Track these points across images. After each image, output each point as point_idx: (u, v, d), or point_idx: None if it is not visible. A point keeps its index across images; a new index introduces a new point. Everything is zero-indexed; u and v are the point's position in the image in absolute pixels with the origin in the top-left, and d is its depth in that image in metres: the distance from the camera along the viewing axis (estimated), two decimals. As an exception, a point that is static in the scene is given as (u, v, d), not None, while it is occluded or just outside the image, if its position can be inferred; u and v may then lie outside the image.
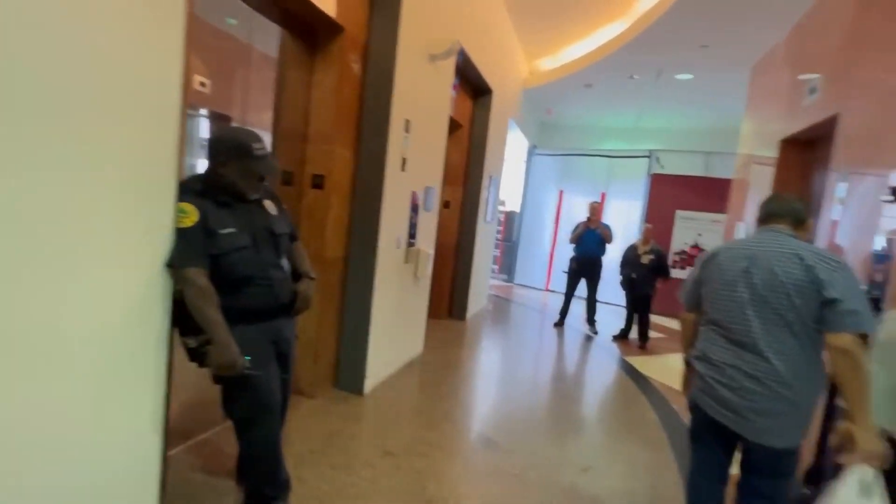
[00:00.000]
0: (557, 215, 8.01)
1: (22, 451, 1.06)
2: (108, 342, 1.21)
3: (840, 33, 3.03)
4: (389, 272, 2.91)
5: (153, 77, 1.24)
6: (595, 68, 5.44)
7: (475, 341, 4.49)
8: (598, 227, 4.99)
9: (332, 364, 2.81)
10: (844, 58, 2.93)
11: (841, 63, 2.96)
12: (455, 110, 4.46)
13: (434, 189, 3.44)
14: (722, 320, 1.45)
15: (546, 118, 8.27)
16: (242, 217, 1.48)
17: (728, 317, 1.42)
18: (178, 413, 2.23)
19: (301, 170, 2.59)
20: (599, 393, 3.50)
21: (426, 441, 2.32)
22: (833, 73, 3.05)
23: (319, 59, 2.52)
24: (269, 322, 1.57)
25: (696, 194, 6.66)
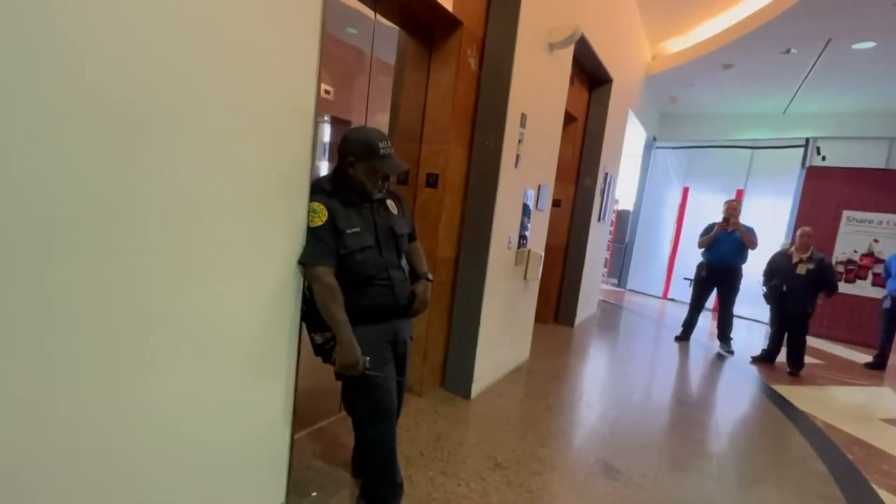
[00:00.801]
0: (681, 215, 7.15)
1: (168, 432, 1.16)
2: (246, 334, 1.28)
3: None
4: (499, 273, 2.80)
5: (292, 85, 1.29)
6: (738, 45, 4.68)
7: (585, 350, 4.17)
8: (738, 230, 4.28)
9: (441, 364, 2.79)
10: None
11: None
12: (569, 102, 4.18)
13: (547, 187, 3.24)
14: None
15: (669, 108, 7.42)
16: (367, 217, 1.48)
17: None
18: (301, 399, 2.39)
19: (416, 169, 2.60)
20: (738, 423, 2.98)
21: (538, 458, 2.16)
22: None
23: (436, 57, 2.49)
24: (389, 323, 1.56)
25: (873, 191, 5.40)
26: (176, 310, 1.10)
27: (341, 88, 6.40)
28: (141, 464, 1.10)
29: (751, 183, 6.54)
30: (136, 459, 1.09)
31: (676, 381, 3.71)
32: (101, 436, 1.01)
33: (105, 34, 0.89)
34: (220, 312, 1.20)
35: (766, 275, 4.18)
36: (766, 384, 3.72)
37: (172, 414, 1.14)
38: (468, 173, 2.65)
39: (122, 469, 1.07)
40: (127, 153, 0.95)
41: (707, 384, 3.74)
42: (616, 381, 3.58)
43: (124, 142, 0.95)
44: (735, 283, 4.37)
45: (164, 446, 1.14)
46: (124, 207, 0.96)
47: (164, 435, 1.14)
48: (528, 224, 3.03)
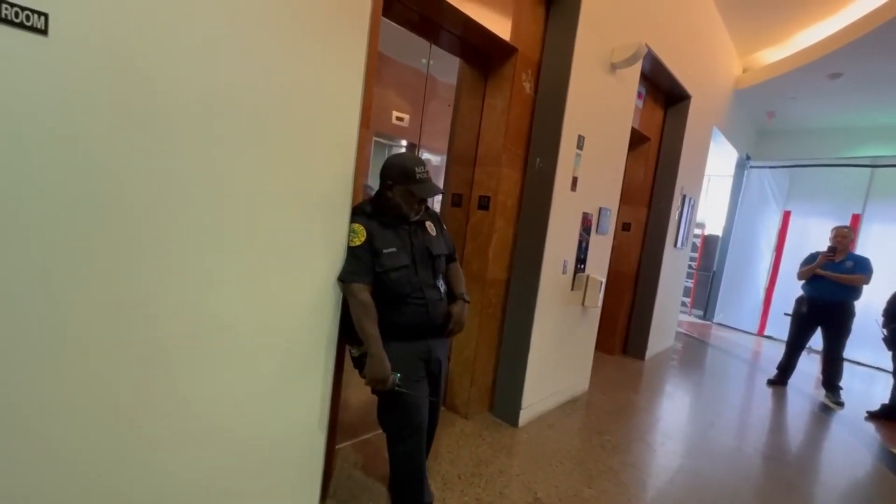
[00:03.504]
0: (781, 242, 6.36)
1: (201, 432, 1.28)
2: (286, 343, 1.40)
3: None
4: (553, 298, 2.71)
5: (337, 111, 1.41)
6: (847, 51, 4.15)
7: (654, 386, 3.83)
8: (846, 262, 3.71)
9: (489, 388, 2.75)
10: None
11: None
12: (641, 121, 3.99)
13: (609, 210, 3.10)
14: None
15: (765, 124, 6.72)
16: (404, 237, 1.55)
17: None
18: (349, 411, 2.50)
19: (469, 192, 2.65)
20: (841, 491, 2.52)
21: (583, 498, 2.03)
22: None
23: (491, 82, 2.55)
24: (422, 341, 1.59)
25: None
26: (217, 315, 1.24)
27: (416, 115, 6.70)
28: (179, 460, 1.24)
29: (870, 206, 5.64)
30: (174, 456, 1.23)
31: (763, 431, 3.25)
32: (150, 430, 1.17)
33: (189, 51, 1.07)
34: (263, 320, 1.33)
35: (887, 315, 3.54)
36: (884, 446, 3.11)
37: (210, 413, 1.28)
38: (521, 196, 2.64)
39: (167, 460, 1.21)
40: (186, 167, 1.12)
41: (804, 439, 3.23)
42: (687, 423, 3.24)
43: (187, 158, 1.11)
44: (844, 322, 3.76)
45: (201, 443, 1.27)
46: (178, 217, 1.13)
47: (201, 432, 1.27)
48: (586, 248, 2.91)
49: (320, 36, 1.33)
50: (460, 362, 2.64)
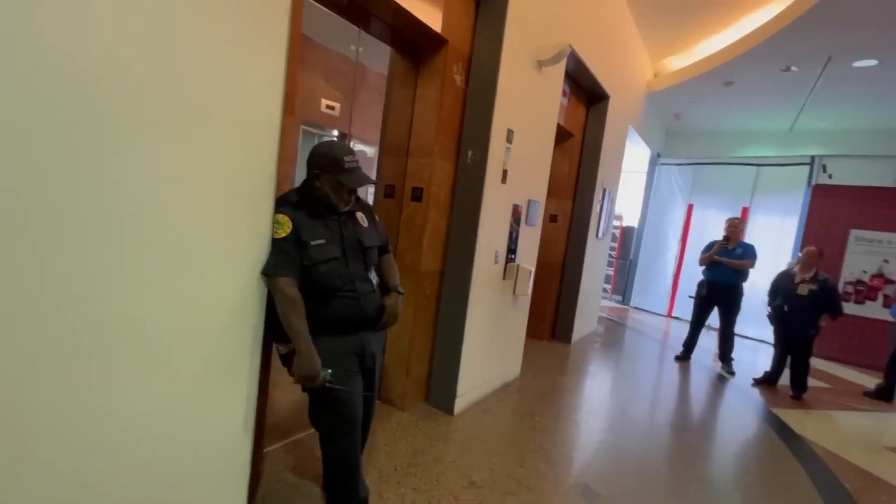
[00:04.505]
0: (685, 232, 7.07)
1: (116, 441, 1.16)
2: (206, 343, 1.29)
3: None
4: (486, 288, 2.78)
5: (256, 97, 1.32)
6: (739, 62, 4.68)
7: (580, 368, 4.10)
8: (737, 249, 4.22)
9: (425, 378, 2.77)
10: None
11: None
12: (566, 118, 4.20)
13: (537, 202, 3.24)
14: None
15: (672, 125, 7.40)
16: (333, 228, 1.50)
17: None
18: (278, 412, 2.39)
19: (402, 183, 2.62)
20: (735, 450, 2.88)
21: (515, 478, 2.12)
22: None
23: (423, 73, 2.54)
24: (355, 335, 1.56)
25: (882, 210, 5.28)
26: (131, 316, 1.12)
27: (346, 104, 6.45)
28: (92, 471, 1.11)
29: (756, 200, 6.45)
30: (87, 466, 1.10)
31: (672, 402, 3.62)
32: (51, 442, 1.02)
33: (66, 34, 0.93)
34: (179, 321, 1.22)
35: (770, 294, 4.08)
36: (766, 408, 3.60)
37: (125, 420, 1.15)
38: (454, 187, 2.66)
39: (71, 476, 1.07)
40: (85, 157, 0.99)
41: (704, 407, 3.64)
42: (608, 400, 3.51)
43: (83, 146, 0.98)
44: (735, 302, 4.28)
45: (116, 452, 1.15)
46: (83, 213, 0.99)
47: (116, 441, 1.14)
48: (517, 239, 3.02)
49: (238, 14, 1.23)
50: (395, 355, 2.63)
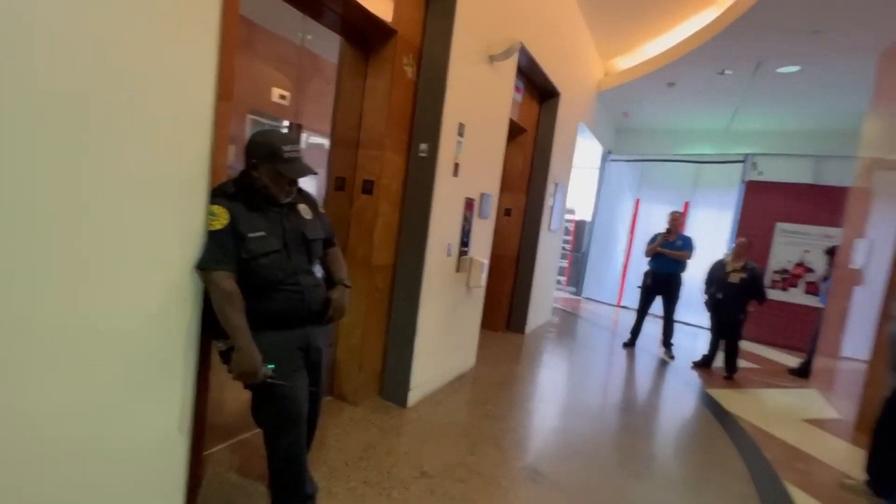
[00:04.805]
0: (633, 225, 7.41)
1: (39, 446, 1.08)
2: (132, 342, 1.22)
3: None
4: (439, 281, 2.80)
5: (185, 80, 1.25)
6: (679, 64, 4.94)
7: (533, 358, 4.22)
8: (677, 241, 4.48)
9: (378, 372, 2.76)
10: None
11: None
12: (519, 114, 4.28)
13: (490, 196, 3.29)
14: None
15: (622, 122, 7.72)
16: (274, 221, 1.46)
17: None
18: (227, 410, 2.31)
19: (353, 175, 2.59)
20: (674, 429, 3.08)
21: (466, 465, 2.16)
22: None
23: (373, 63, 2.50)
24: (299, 329, 1.52)
25: (803, 205, 5.77)
26: (49, 315, 1.04)
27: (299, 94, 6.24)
28: (11, 477, 1.03)
29: (696, 195, 6.86)
30: (4, 473, 1.02)
31: (618, 387, 3.81)
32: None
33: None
34: (100, 319, 1.14)
35: (706, 283, 4.37)
36: (703, 389, 3.86)
37: (45, 424, 1.07)
38: (406, 180, 2.65)
39: None
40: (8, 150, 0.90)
41: (647, 390, 3.85)
42: (559, 387, 3.64)
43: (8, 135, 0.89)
44: (675, 291, 4.55)
45: (39, 458, 1.07)
46: None
47: (36, 446, 1.06)
48: (469, 232, 3.06)
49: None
50: (348, 349, 2.60)
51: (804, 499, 2.25)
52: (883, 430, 2.22)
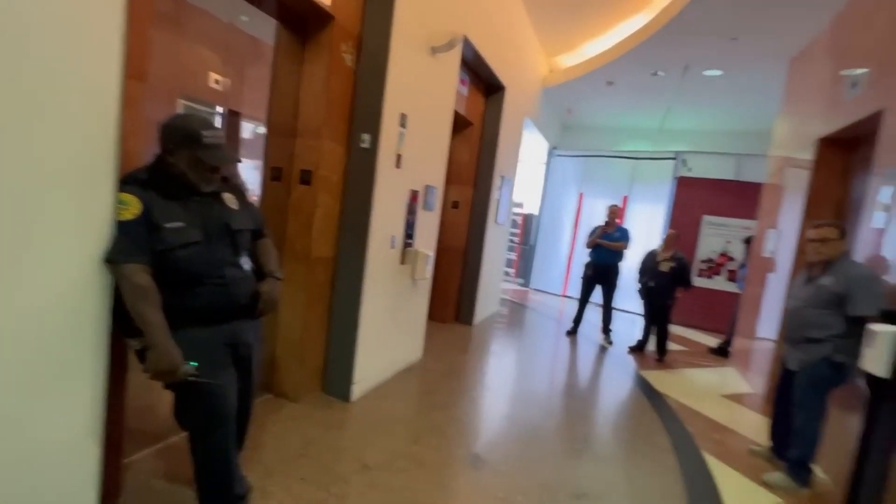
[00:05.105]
0: (577, 218, 7.73)
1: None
2: (27, 343, 1.11)
3: (886, 22, 2.71)
4: (382, 273, 2.78)
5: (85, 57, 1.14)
6: (617, 65, 5.18)
7: (481, 348, 4.31)
8: (615, 233, 4.72)
9: (320, 368, 2.70)
10: (889, 49, 2.61)
11: (886, 55, 2.65)
12: (465, 107, 4.31)
13: (435, 188, 3.29)
14: None
15: (567, 119, 7.99)
16: (194, 211, 1.38)
17: None
18: (149, 415, 2.17)
19: (290, 165, 2.50)
20: (610, 410, 3.26)
21: (408, 456, 2.17)
22: (878, 65, 2.73)
23: (310, 49, 2.42)
24: (225, 325, 1.45)
25: (726, 199, 6.27)
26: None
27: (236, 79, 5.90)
28: None
29: (634, 190, 7.27)
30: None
31: (560, 373, 3.98)
32: None
33: None
34: (-15, 318, 1.03)
35: (639, 272, 4.65)
36: (637, 371, 4.12)
37: None
38: (346, 171, 2.60)
39: None
40: None
41: (587, 375, 4.05)
42: (504, 375, 3.74)
43: None
44: (613, 280, 4.81)
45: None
46: None
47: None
48: (414, 224, 3.05)
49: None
50: (287, 345, 2.52)
51: (718, 466, 2.47)
52: (779, 399, 2.47)
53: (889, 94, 2.51)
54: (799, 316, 2.32)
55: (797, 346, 2.32)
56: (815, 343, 2.22)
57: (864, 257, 2.41)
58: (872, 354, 1.81)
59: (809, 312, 2.26)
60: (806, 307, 2.29)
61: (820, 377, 2.21)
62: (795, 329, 2.34)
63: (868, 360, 1.84)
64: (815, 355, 2.21)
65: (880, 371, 1.78)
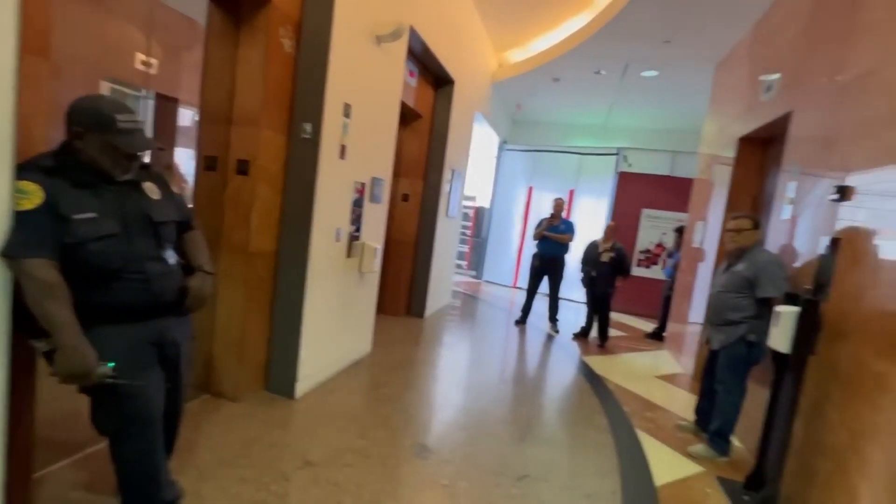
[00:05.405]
0: (526, 211, 7.93)
1: None
2: None
3: (795, 31, 2.98)
4: (327, 267, 2.72)
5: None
6: (562, 62, 5.34)
7: (431, 340, 4.34)
8: (561, 225, 4.90)
9: (263, 365, 2.61)
10: (798, 56, 2.88)
11: (795, 61, 2.91)
12: (414, 99, 4.28)
13: (382, 180, 3.26)
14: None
15: (516, 114, 8.15)
16: (109, 201, 1.28)
17: None
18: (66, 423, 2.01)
19: (226, 154, 2.37)
20: (554, 395, 3.40)
21: (354, 449, 2.15)
22: (788, 71, 3.01)
23: (245, 32, 2.30)
24: (150, 322, 1.37)
25: (662, 194, 6.67)
26: None
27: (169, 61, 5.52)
28: None
29: (580, 184, 7.55)
30: None
31: (508, 361, 4.09)
32: None
33: None
34: None
35: (582, 262, 4.86)
36: (580, 357, 4.31)
37: None
38: (287, 161, 2.51)
39: None
40: None
41: (534, 362, 4.20)
42: (454, 366, 3.79)
43: None
44: (560, 271, 4.99)
45: None
46: None
47: None
48: (360, 217, 3.00)
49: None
50: (225, 343, 2.42)
51: (649, 441, 2.65)
52: (705, 377, 2.69)
53: (797, 98, 2.77)
54: (719, 300, 2.53)
55: (718, 329, 2.53)
56: (733, 325, 2.43)
57: (776, 246, 2.66)
58: (777, 332, 2.01)
59: (727, 297, 2.47)
60: (724, 292, 2.49)
61: (738, 356, 2.42)
62: (716, 313, 2.54)
63: (773, 337, 2.04)
64: (733, 336, 2.42)
65: (783, 347, 1.98)
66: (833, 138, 2.26)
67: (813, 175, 2.43)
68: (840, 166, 2.15)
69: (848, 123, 2.15)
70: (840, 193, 2.06)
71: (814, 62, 2.63)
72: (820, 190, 2.31)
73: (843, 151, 2.15)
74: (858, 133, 2.06)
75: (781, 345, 1.99)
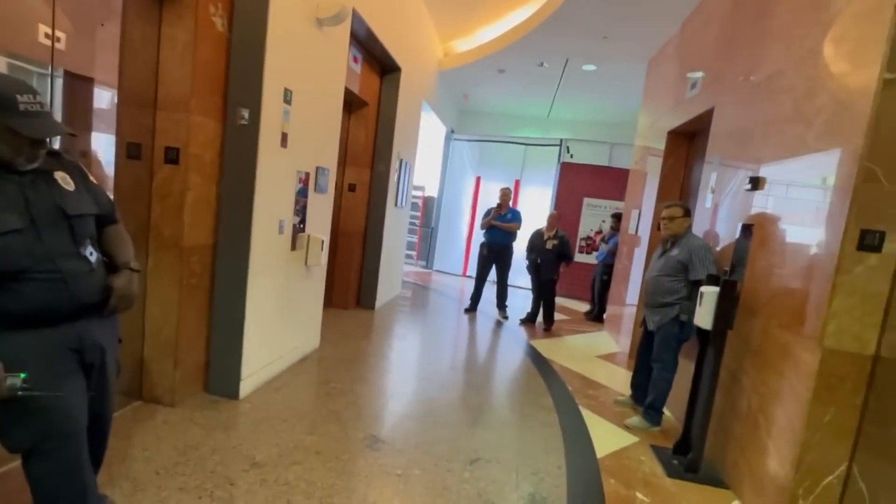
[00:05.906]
0: (475, 201, 8.04)
1: None
2: None
3: (717, 32, 3.23)
4: (270, 260, 2.61)
5: None
6: (507, 53, 5.42)
7: (382, 332, 4.31)
8: (507, 214, 5.02)
9: (202, 366, 2.47)
10: (720, 56, 3.12)
11: (717, 61, 3.16)
12: (359, 86, 4.17)
13: (327, 170, 3.15)
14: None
15: (463, 104, 8.19)
16: (12, 193, 1.14)
17: None
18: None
19: (151, 141, 2.19)
20: (503, 380, 3.51)
21: (304, 447, 2.11)
22: (711, 69, 3.25)
23: (169, 9, 2.12)
24: (68, 326, 1.24)
25: (602, 183, 7.01)
26: None
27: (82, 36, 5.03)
28: None
29: (525, 174, 7.76)
30: None
31: (457, 349, 4.17)
32: None
33: None
34: None
35: (527, 250, 5.02)
36: (527, 341, 4.47)
37: None
38: (223, 149, 2.36)
39: None
40: None
41: (484, 348, 4.30)
42: (405, 357, 3.80)
43: None
44: (507, 259, 5.13)
45: None
46: None
47: None
48: (305, 208, 2.90)
49: None
50: (158, 344, 2.25)
51: (591, 417, 2.82)
52: (640, 355, 2.90)
53: (719, 95, 3.01)
54: (654, 284, 2.72)
55: (653, 310, 2.72)
56: (667, 306, 2.62)
57: (700, 232, 2.90)
58: (701, 311, 2.20)
59: (662, 280, 2.66)
60: (660, 276, 2.68)
61: (671, 334, 2.63)
62: (652, 295, 2.73)
63: (698, 315, 2.23)
64: (667, 317, 2.62)
65: (705, 324, 2.17)
66: (748, 133, 2.48)
67: (732, 166, 2.66)
68: (754, 159, 2.37)
69: (760, 120, 2.37)
70: (753, 184, 2.28)
71: (732, 62, 2.87)
72: (737, 180, 2.54)
73: (756, 145, 2.38)
74: (768, 129, 2.28)
75: (705, 322, 2.18)
